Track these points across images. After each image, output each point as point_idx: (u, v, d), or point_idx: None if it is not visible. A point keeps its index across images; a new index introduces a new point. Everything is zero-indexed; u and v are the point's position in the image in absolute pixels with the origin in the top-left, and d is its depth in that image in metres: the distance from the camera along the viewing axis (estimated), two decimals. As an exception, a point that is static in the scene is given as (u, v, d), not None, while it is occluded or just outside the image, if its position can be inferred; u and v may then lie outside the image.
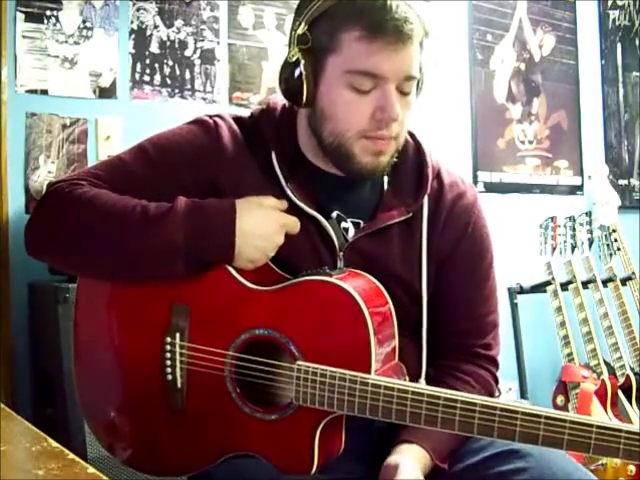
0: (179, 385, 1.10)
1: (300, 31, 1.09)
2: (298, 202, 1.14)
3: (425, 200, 1.19)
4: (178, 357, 1.11)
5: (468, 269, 1.22)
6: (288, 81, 1.12)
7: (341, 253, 1.15)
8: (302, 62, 1.09)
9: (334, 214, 1.18)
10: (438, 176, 1.23)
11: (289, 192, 1.14)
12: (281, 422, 1.06)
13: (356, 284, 1.07)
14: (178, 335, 1.11)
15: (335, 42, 1.07)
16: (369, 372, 1.02)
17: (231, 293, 1.10)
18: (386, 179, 1.20)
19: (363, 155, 1.11)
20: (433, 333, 1.20)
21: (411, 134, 1.24)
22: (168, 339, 1.10)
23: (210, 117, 1.21)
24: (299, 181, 1.16)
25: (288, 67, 1.11)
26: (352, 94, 1.08)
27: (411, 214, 1.18)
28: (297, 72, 1.10)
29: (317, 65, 1.10)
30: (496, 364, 1.25)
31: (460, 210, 1.22)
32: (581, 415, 0.98)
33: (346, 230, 1.18)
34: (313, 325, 1.05)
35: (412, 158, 1.22)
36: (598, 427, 0.92)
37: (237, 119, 1.21)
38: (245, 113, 1.24)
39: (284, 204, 1.13)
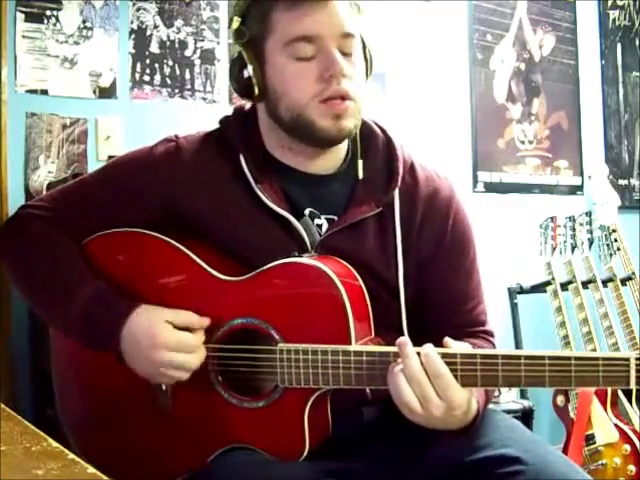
0: (163, 387, 1.09)
1: (235, 26, 1.13)
2: (268, 203, 1.14)
3: (396, 194, 1.18)
4: None
5: (454, 264, 1.22)
6: (238, 79, 1.14)
7: (313, 251, 1.14)
8: (245, 55, 1.12)
9: (307, 211, 1.17)
10: (412, 171, 1.21)
11: (259, 193, 1.14)
12: (269, 408, 1.06)
13: (326, 262, 1.07)
14: None
15: (268, 24, 1.11)
16: (349, 343, 1.02)
17: (204, 287, 1.10)
18: (361, 174, 1.19)
19: (322, 119, 1.11)
20: (424, 330, 1.17)
21: (381, 129, 1.24)
22: None
23: (176, 138, 1.22)
24: (270, 182, 1.16)
25: (234, 66, 1.14)
26: (296, 64, 1.10)
27: (381, 208, 1.17)
28: (243, 67, 1.13)
29: (259, 53, 1.13)
30: (493, 335, 1.24)
31: (438, 205, 1.21)
32: (559, 351, 1.01)
33: (320, 227, 1.17)
34: (289, 306, 1.06)
35: (382, 152, 1.21)
36: (576, 358, 0.95)
37: (206, 135, 1.23)
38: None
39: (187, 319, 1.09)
